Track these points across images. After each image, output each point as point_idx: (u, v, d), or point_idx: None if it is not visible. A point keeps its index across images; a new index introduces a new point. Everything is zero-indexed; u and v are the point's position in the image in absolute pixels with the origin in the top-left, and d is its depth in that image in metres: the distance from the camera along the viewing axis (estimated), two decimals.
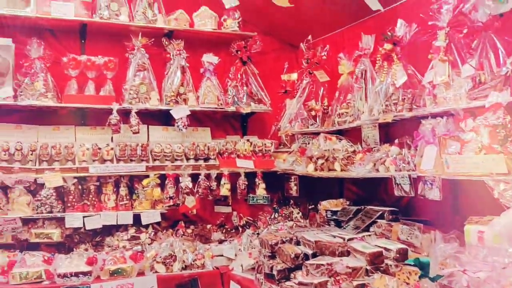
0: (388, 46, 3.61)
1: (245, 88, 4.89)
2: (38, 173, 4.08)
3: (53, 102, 4.19)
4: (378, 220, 3.46)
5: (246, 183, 4.72)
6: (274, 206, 4.99)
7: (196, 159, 4.65)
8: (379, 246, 3.03)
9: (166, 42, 4.67)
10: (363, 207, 3.82)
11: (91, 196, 4.32)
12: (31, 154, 4.13)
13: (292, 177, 4.89)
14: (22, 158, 4.11)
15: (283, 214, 4.83)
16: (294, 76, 5.06)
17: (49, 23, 4.35)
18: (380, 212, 3.51)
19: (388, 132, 3.87)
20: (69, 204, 4.22)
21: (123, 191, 4.40)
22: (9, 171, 4.00)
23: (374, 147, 3.79)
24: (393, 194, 3.38)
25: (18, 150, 4.09)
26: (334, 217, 4.04)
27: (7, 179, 3.97)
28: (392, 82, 3.57)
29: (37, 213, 4.10)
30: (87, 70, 4.36)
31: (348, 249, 3.12)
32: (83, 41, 4.58)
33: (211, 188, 4.63)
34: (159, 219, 4.44)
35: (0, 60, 4.07)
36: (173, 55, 4.66)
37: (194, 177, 4.58)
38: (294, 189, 4.92)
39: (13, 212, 4.02)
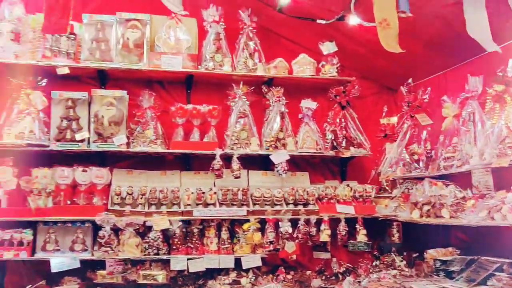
0: (499, 87, 3.46)
1: (344, 132, 4.86)
2: (147, 216, 4.29)
3: (161, 148, 4.43)
4: (496, 273, 3.22)
5: (347, 229, 4.64)
6: (375, 253, 4.83)
7: (296, 204, 4.65)
8: None
9: (266, 89, 4.81)
10: (476, 257, 3.59)
11: (194, 239, 4.45)
12: (141, 198, 4.36)
13: (394, 224, 4.73)
14: (133, 202, 4.35)
15: (385, 262, 4.66)
16: (394, 119, 4.97)
17: (159, 75, 4.65)
18: (498, 264, 3.27)
19: (502, 178, 3.63)
20: (174, 247, 4.36)
21: (224, 234, 4.50)
22: (120, 214, 4.25)
23: (487, 194, 3.57)
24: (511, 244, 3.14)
25: (129, 194, 4.35)
26: (443, 267, 3.83)
27: (119, 221, 4.19)
28: (505, 124, 3.39)
29: (145, 255, 4.28)
30: (192, 118, 4.58)
31: None
32: (188, 90, 4.84)
33: (311, 233, 4.58)
34: (259, 263, 4.46)
35: (116, 111, 4.41)
36: (272, 102, 4.78)
37: (294, 222, 4.57)
38: (396, 236, 4.75)
39: (123, 254, 4.23)
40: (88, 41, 4.40)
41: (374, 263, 4.71)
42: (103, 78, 4.56)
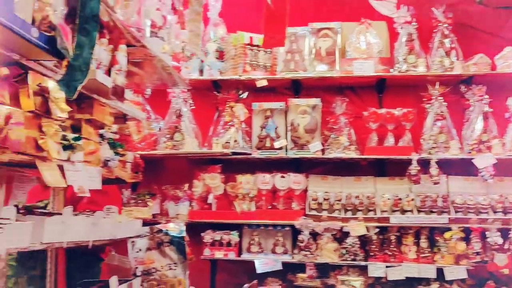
0: None
1: None
2: (343, 222, 4.32)
3: (355, 154, 4.43)
4: None
5: None
6: None
7: (505, 213, 4.23)
8: None
9: (465, 89, 4.49)
10: None
11: (391, 246, 4.35)
12: (337, 204, 4.42)
13: None
14: (329, 207, 4.43)
15: None
16: None
17: (350, 81, 4.67)
18: None
19: None
20: (371, 253, 4.32)
21: (424, 243, 4.30)
22: (318, 219, 4.35)
23: None
24: None
25: (325, 200, 4.45)
26: None
27: (317, 226, 4.30)
28: None
29: (342, 260, 4.32)
30: (386, 123, 4.49)
31: None
32: (380, 94, 4.77)
33: None
34: (465, 275, 4.16)
35: (310, 118, 4.55)
36: (473, 101, 4.44)
37: (504, 233, 4.15)
38: None
39: (321, 258, 4.32)
40: (283, 53, 4.63)
41: None
42: (297, 87, 4.75)
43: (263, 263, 4.36)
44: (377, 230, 4.32)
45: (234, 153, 4.44)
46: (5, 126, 1.81)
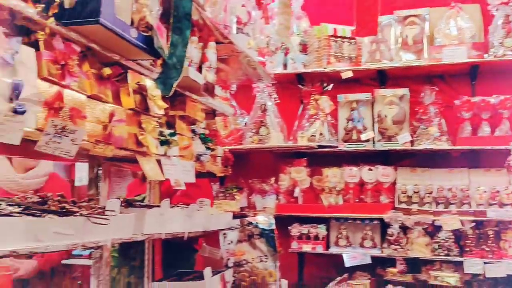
0: None
1: None
2: (435, 216, 4.15)
3: (447, 145, 4.24)
4: None
5: None
6: None
7: None
8: None
9: None
10: None
11: (489, 241, 4.12)
12: (428, 197, 4.26)
13: None
14: (419, 201, 4.28)
15: None
16: None
17: (439, 69, 4.46)
18: None
19: None
20: (467, 249, 4.11)
21: None
22: (408, 213, 4.22)
23: None
24: None
25: (415, 193, 4.30)
26: None
27: (407, 220, 4.17)
28: None
29: (434, 255, 4.16)
30: (480, 111, 4.25)
31: None
32: (473, 82, 4.52)
33: None
34: None
35: (398, 109, 4.42)
36: None
37: None
38: None
39: (412, 252, 4.19)
40: (367, 43, 4.52)
41: None
42: (383, 78, 4.62)
43: (351, 257, 4.30)
44: (473, 224, 4.11)
45: (320, 146, 4.41)
46: (109, 123, 1.92)
